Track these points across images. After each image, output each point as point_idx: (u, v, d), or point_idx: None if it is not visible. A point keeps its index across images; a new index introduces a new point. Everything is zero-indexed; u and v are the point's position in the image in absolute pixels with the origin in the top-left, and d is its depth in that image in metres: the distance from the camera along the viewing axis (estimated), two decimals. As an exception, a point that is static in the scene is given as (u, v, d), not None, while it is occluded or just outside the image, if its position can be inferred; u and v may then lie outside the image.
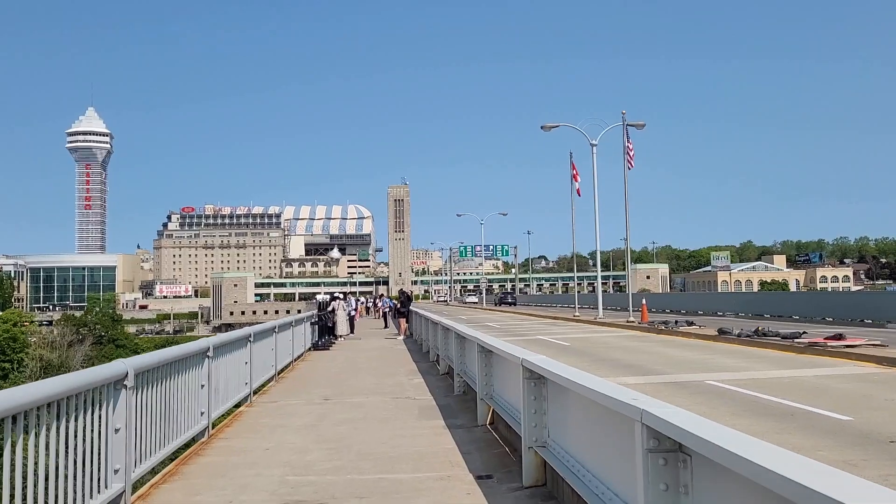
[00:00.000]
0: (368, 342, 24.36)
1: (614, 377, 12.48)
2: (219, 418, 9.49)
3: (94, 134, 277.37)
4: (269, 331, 13.51)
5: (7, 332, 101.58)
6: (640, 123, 30.02)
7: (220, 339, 9.23)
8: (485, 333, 10.04)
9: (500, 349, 7.52)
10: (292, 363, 16.61)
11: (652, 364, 14.26)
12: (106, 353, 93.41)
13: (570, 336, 23.68)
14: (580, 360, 15.91)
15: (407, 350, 20.76)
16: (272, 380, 13.72)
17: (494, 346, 7.91)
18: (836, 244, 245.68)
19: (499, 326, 32.48)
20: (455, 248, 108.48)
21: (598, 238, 32.82)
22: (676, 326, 22.46)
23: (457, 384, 11.63)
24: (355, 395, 11.81)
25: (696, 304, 40.42)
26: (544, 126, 32.21)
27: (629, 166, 28.57)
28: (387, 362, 17.25)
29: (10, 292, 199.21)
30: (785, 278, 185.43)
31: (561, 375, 5.12)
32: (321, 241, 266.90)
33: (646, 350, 17.48)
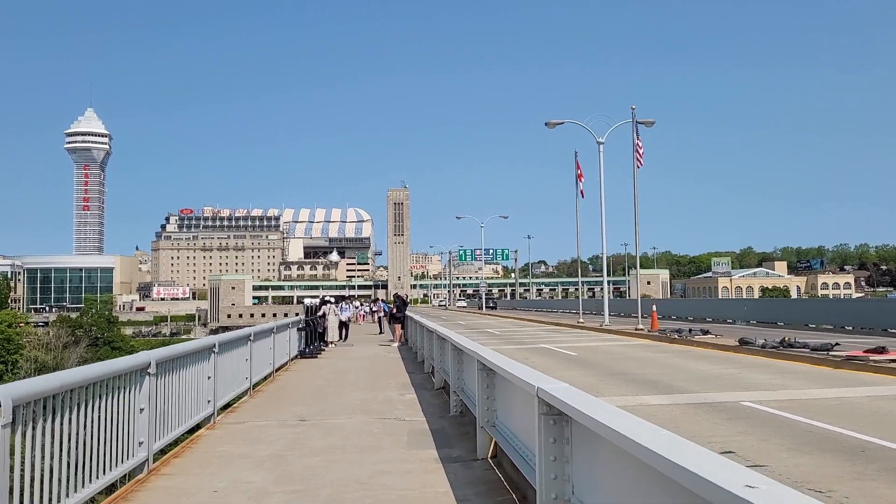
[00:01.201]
0: (361, 349, 22.84)
1: (633, 395, 10.98)
2: (170, 445, 7.99)
3: (93, 135, 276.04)
4: (243, 339, 11.99)
5: (2, 334, 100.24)
6: (649, 121, 28.58)
7: (169, 352, 7.71)
8: (485, 346, 8.55)
9: (507, 370, 6.00)
10: (273, 374, 15.09)
11: (673, 380, 12.75)
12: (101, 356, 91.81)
13: (576, 345, 22.16)
14: (590, 373, 14.42)
15: (401, 359, 19.26)
16: (246, 394, 12.21)
17: (499, 366, 6.39)
18: (836, 251, 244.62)
19: (499, 333, 30.98)
20: (455, 251, 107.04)
21: (604, 240, 31.36)
22: (691, 335, 20.93)
23: (453, 403, 10.11)
24: (337, 414, 10.29)
25: (703, 310, 38.89)
26: (549, 123, 30.75)
27: (638, 164, 27.09)
28: (377, 373, 15.74)
29: (7, 293, 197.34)
30: (786, 285, 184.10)
31: (602, 423, 3.59)
32: (320, 245, 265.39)
33: (662, 362, 15.98)
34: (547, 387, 4.50)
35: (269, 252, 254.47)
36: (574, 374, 14.19)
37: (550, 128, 30.82)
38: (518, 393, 5.91)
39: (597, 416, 3.71)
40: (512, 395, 6.38)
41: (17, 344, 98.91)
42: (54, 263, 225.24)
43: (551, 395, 4.37)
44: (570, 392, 4.40)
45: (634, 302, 62.74)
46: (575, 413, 4.09)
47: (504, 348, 21.44)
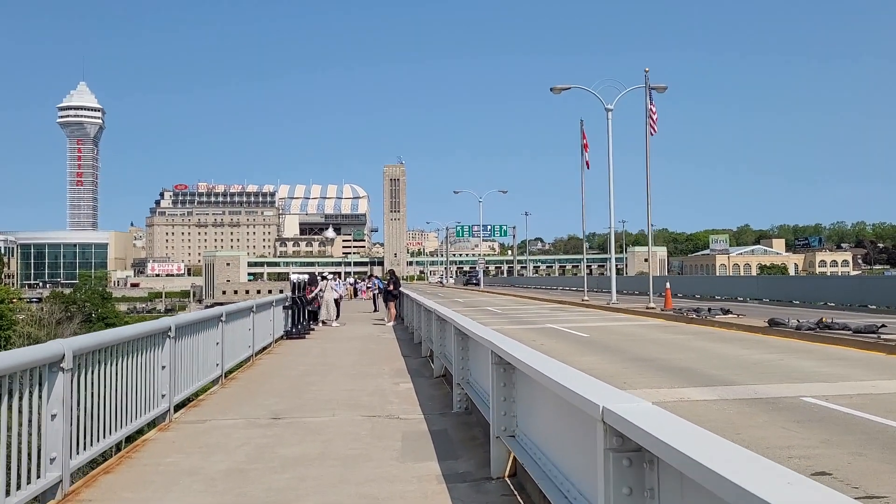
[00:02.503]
0: (353, 329, 21.24)
1: (669, 387, 9.38)
2: (114, 451, 6.39)
3: (86, 109, 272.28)
4: (211, 320, 10.34)
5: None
6: (661, 86, 26.74)
7: (95, 340, 6.06)
8: (487, 326, 6.93)
9: (544, 373, 4.35)
10: (252, 357, 13.47)
11: (707, 367, 11.16)
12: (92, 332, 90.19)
13: (585, 325, 20.55)
14: (610, 359, 12.82)
15: (396, 339, 17.66)
16: (217, 382, 10.59)
17: (526, 363, 4.75)
18: (833, 228, 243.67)
19: (501, 311, 29.38)
20: (452, 228, 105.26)
21: (612, 214, 29.63)
22: (711, 315, 19.32)
23: (456, 397, 8.49)
24: (319, 410, 8.68)
25: (711, 288, 37.33)
26: (554, 88, 28.89)
27: (652, 131, 25.32)
28: (369, 357, 14.13)
29: (0, 269, 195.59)
30: (784, 262, 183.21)
31: (706, 468, 1.92)
32: (316, 221, 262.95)
33: (687, 346, 14.38)
34: (619, 408, 2.84)
35: (264, 228, 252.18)
36: (591, 359, 12.60)
37: (556, 93, 28.99)
38: (548, 397, 4.29)
39: (713, 467, 2.10)
40: (539, 400, 4.77)
41: (10, 320, 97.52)
42: (48, 239, 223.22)
43: (629, 423, 2.72)
44: (659, 419, 2.74)
45: (636, 279, 61.23)
46: (672, 455, 2.45)
47: (508, 328, 19.85)
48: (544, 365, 4.55)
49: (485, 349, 6.58)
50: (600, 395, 3.11)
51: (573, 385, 3.44)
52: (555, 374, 4.06)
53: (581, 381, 3.57)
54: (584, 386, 3.37)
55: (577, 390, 3.24)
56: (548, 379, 4.06)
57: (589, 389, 3.25)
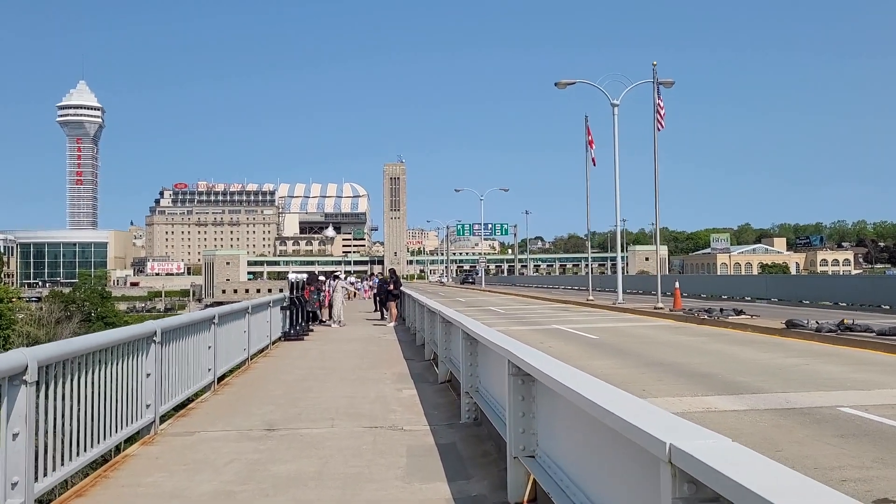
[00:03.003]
0: (353, 330, 20.63)
1: (692, 395, 8.77)
2: (86, 472, 5.79)
3: (86, 108, 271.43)
4: (203, 323, 9.73)
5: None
6: (668, 81, 26.11)
7: (68, 348, 5.46)
8: (492, 327, 6.34)
9: (569, 385, 3.77)
10: (248, 361, 12.87)
11: (729, 372, 10.54)
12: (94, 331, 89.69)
13: (593, 326, 19.93)
14: (623, 363, 12.20)
15: (397, 341, 17.06)
16: (209, 388, 9.99)
17: (552, 376, 4.15)
18: (833, 227, 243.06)
19: (504, 312, 28.75)
20: (452, 226, 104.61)
21: (618, 211, 28.98)
22: (723, 315, 18.69)
23: (465, 407, 7.89)
24: (317, 419, 8.07)
25: (717, 287, 36.72)
26: (559, 83, 28.28)
27: (659, 127, 24.71)
28: (370, 360, 13.52)
29: (0, 268, 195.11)
30: (785, 261, 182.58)
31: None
32: (316, 220, 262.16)
33: (703, 348, 13.76)
34: (693, 447, 2.23)
35: (264, 227, 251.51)
36: (603, 363, 11.99)
37: (561, 88, 28.34)
38: (590, 423, 3.68)
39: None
40: (571, 419, 4.16)
41: (10, 319, 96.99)
42: (48, 238, 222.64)
43: (708, 467, 2.11)
44: (746, 462, 2.13)
45: (639, 278, 60.55)
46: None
47: (512, 329, 19.24)
48: (574, 379, 3.95)
49: (498, 357, 5.99)
50: (664, 427, 2.49)
51: (624, 412, 2.82)
52: (593, 393, 3.45)
53: (631, 406, 2.96)
54: (641, 414, 2.74)
55: (636, 422, 2.61)
56: (585, 400, 3.44)
57: (648, 419, 2.63)
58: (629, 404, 3.15)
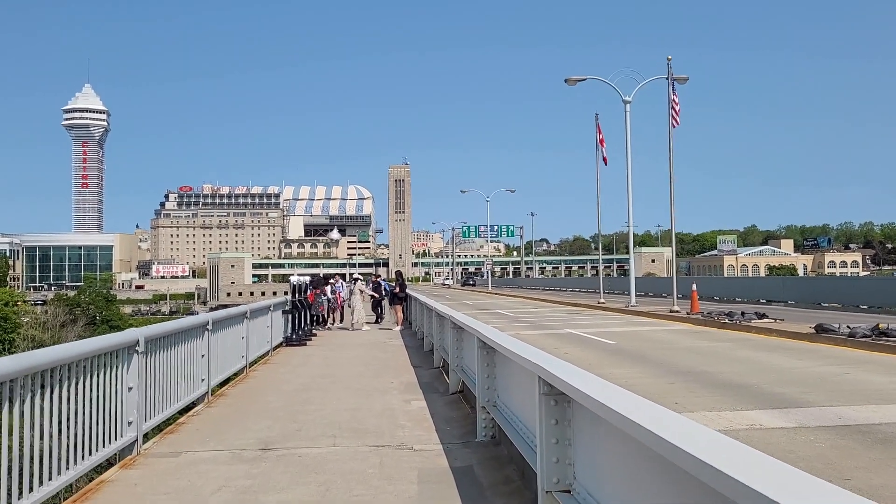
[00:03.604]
0: (357, 335, 19.89)
1: (731, 410, 7.98)
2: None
3: (91, 111, 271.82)
4: (196, 330, 9.00)
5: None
6: (682, 77, 25.33)
7: (28, 361, 4.72)
8: (503, 332, 5.60)
9: (619, 411, 3.03)
10: (246, 369, 12.14)
11: (764, 382, 9.74)
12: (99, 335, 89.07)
13: (607, 330, 19.12)
14: (647, 371, 11.41)
15: (404, 347, 16.31)
16: (202, 399, 9.25)
17: (594, 397, 3.41)
18: (840, 229, 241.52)
19: (513, 315, 27.96)
20: (458, 228, 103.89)
21: (630, 210, 28.12)
22: (745, 319, 17.88)
23: (482, 423, 7.13)
24: (317, 436, 7.32)
25: (733, 290, 35.84)
26: (569, 79, 27.51)
27: (674, 123, 23.92)
28: (376, 368, 12.77)
29: (6, 271, 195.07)
30: (793, 263, 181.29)
31: None
32: (321, 222, 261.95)
33: (729, 355, 12.95)
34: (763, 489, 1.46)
35: (269, 230, 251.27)
36: (626, 372, 11.21)
37: (571, 84, 27.57)
38: (651, 460, 2.94)
39: None
40: (623, 451, 3.41)
41: (15, 322, 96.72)
42: (53, 241, 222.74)
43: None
44: None
45: (647, 280, 59.67)
46: None
47: (524, 334, 18.48)
48: (624, 401, 3.22)
49: (523, 370, 5.24)
50: (775, 484, 1.72)
51: (707, 453, 2.06)
52: (655, 423, 2.70)
53: (708, 442, 2.20)
54: (733, 458, 1.97)
55: (735, 473, 1.84)
56: (645, 431, 2.68)
57: (749, 470, 1.85)
58: (704, 438, 2.42)
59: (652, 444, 2.65)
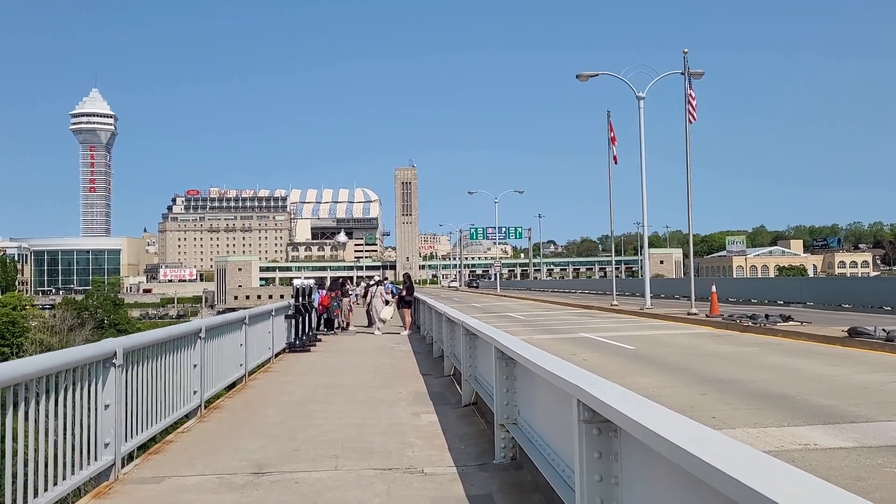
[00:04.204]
0: (363, 340, 19.17)
1: (778, 426, 7.19)
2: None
3: (98, 115, 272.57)
4: (187, 338, 8.28)
5: (6, 317, 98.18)
6: (698, 72, 24.53)
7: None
8: (515, 336, 4.87)
9: (690, 451, 2.27)
10: (245, 378, 11.42)
11: (806, 392, 8.95)
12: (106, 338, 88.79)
13: (624, 334, 18.33)
14: (674, 379, 10.63)
15: (412, 352, 15.58)
16: (195, 413, 8.54)
17: (651, 429, 2.66)
18: (850, 229, 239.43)
19: (524, 318, 27.17)
20: (465, 230, 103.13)
21: (644, 209, 27.29)
22: (769, 322, 17.05)
23: (500, 442, 6.37)
24: (317, 457, 6.60)
25: (749, 291, 34.96)
26: (580, 75, 26.73)
27: (691, 119, 23.12)
28: (382, 376, 12.03)
29: (14, 276, 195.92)
30: (802, 263, 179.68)
31: None
32: (328, 225, 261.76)
33: (759, 362, 12.15)
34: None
35: (276, 233, 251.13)
36: (650, 381, 10.44)
37: (583, 80, 26.83)
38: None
39: None
40: (685, 491, 2.67)
41: (23, 327, 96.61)
42: (61, 245, 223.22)
43: None
44: None
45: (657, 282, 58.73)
46: None
47: (537, 338, 17.71)
48: (686, 433, 2.49)
49: (551, 387, 4.52)
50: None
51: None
52: (737, 468, 1.97)
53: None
54: None
55: None
56: (726, 478, 1.93)
57: None
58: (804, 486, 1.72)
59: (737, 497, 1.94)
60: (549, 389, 4.74)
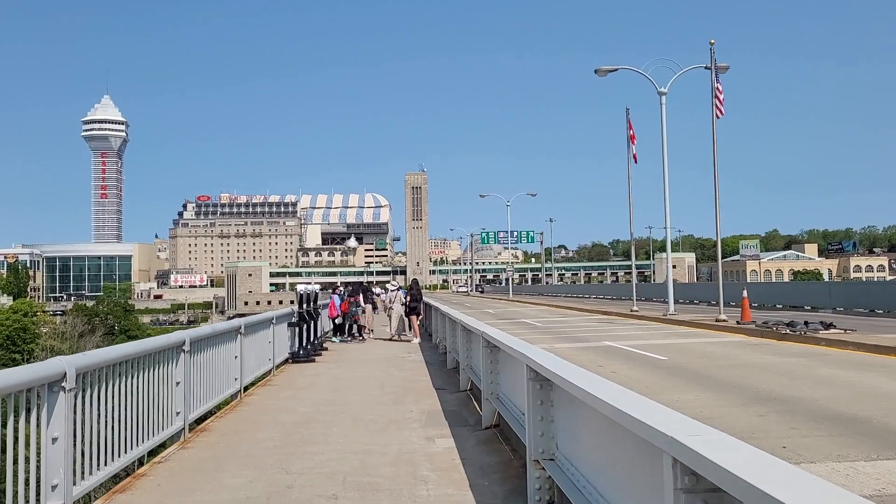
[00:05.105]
0: (371, 349, 18.05)
1: (867, 458, 6.02)
2: None
3: (110, 122, 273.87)
4: (167, 351, 7.21)
5: (18, 323, 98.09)
6: (723, 66, 23.36)
7: None
8: (534, 345, 3.76)
9: None
10: (240, 394, 10.34)
11: (879, 413, 7.72)
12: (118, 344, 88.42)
13: (651, 342, 17.12)
14: (721, 397, 9.45)
15: (424, 363, 14.46)
16: (178, 438, 7.47)
17: (765, 490, 1.50)
18: (863, 233, 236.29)
19: (541, 325, 25.99)
20: (476, 235, 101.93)
21: (667, 210, 26.09)
22: (810, 329, 15.80)
23: (535, 483, 5.23)
24: (313, 497, 5.50)
25: (774, 296, 33.63)
26: (599, 70, 25.58)
27: (718, 113, 21.95)
28: (392, 391, 10.91)
29: (26, 282, 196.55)
30: (817, 267, 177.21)
31: None
32: (338, 231, 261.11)
33: (811, 375, 10.94)
34: None
35: (286, 238, 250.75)
36: (695, 397, 9.28)
37: (601, 76, 25.70)
38: None
39: None
40: None
41: (34, 333, 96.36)
42: (73, 252, 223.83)
43: None
44: None
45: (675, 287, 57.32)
46: None
47: (558, 347, 16.56)
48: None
49: (603, 418, 3.43)
50: None
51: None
52: None
53: None
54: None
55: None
56: None
57: None
58: None
59: None
60: (608, 424, 3.63)
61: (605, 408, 3.44)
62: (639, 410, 3.04)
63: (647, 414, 2.93)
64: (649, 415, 2.91)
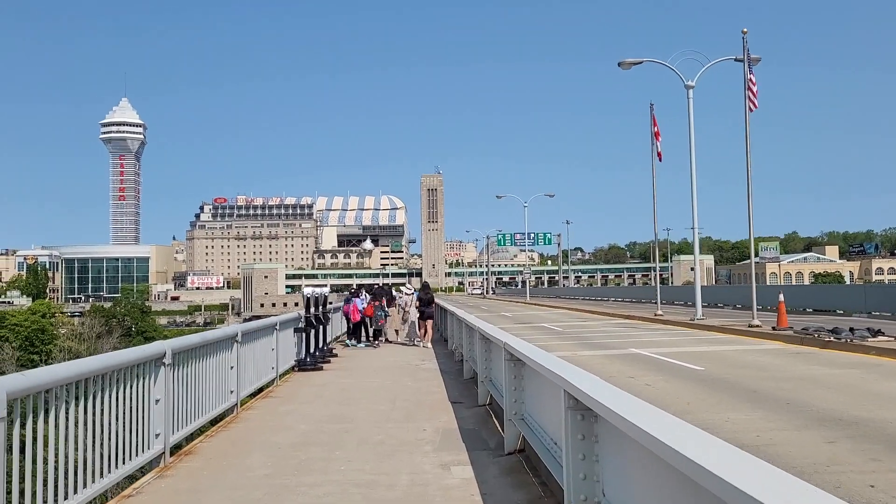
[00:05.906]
0: (383, 355, 17.08)
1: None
2: None
3: (128, 125, 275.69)
4: (147, 365, 6.28)
5: (36, 324, 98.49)
6: (755, 58, 22.17)
7: None
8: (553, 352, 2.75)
9: None
10: (236, 408, 9.41)
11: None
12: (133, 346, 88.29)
13: (682, 350, 16.00)
14: (774, 416, 8.35)
15: (439, 371, 13.47)
16: (157, 463, 6.53)
17: None
18: (885, 235, 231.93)
19: (560, 329, 24.88)
20: (492, 236, 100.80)
21: (694, 210, 24.91)
22: (856, 337, 14.62)
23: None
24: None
25: (804, 299, 32.21)
26: (623, 63, 24.49)
27: (752, 107, 20.80)
28: (404, 405, 9.93)
29: (45, 283, 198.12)
30: (839, 270, 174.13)
31: None
32: (354, 233, 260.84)
33: (875, 391, 9.75)
34: None
35: (302, 240, 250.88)
36: (746, 417, 8.20)
37: (625, 69, 24.63)
38: None
39: None
40: None
41: (52, 334, 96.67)
42: (91, 253, 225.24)
43: None
44: None
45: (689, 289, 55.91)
46: None
47: (581, 354, 15.51)
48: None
49: (682, 477, 2.44)
50: None
51: None
52: None
53: None
54: None
55: None
56: None
57: None
58: None
59: None
60: (680, 481, 2.64)
61: (679, 461, 2.46)
62: (733, 473, 2.05)
63: (746, 480, 1.93)
64: (748, 481, 1.91)
